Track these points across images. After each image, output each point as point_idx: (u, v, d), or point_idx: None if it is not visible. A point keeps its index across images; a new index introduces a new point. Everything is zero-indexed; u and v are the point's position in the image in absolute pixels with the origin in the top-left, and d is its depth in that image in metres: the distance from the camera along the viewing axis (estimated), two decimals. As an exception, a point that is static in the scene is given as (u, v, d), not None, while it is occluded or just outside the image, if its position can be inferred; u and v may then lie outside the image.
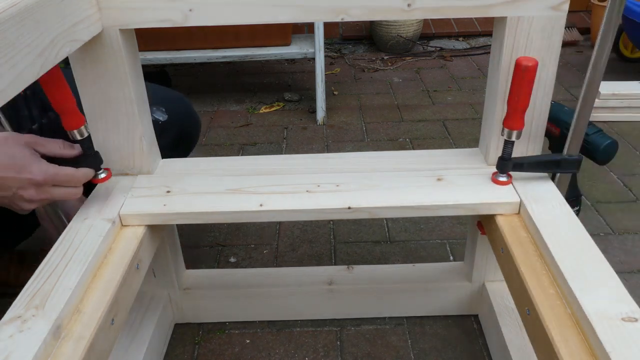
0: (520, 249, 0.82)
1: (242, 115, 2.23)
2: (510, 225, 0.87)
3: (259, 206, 0.89)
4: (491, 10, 0.83)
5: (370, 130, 2.07)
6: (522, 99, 0.83)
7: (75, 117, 0.85)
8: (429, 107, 2.24)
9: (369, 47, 2.98)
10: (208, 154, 1.93)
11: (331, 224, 1.52)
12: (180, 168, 1.02)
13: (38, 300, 0.70)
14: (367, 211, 0.90)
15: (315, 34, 2.00)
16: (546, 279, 0.76)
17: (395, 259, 1.37)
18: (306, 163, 1.02)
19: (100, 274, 0.79)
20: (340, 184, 0.94)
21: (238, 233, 1.49)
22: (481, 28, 3.04)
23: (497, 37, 0.89)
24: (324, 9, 0.83)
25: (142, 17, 0.83)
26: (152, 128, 1.00)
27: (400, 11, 0.83)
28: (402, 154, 1.04)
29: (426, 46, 2.90)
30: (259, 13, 0.84)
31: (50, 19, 0.68)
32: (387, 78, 2.55)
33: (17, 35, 0.61)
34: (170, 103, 1.19)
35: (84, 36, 0.78)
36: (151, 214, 0.89)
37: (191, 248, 1.43)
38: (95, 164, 0.90)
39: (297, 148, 1.96)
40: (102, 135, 0.93)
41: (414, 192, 0.92)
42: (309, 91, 2.42)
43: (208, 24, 0.84)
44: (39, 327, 0.66)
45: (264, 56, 2.16)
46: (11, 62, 0.60)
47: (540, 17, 0.83)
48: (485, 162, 0.99)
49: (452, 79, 2.51)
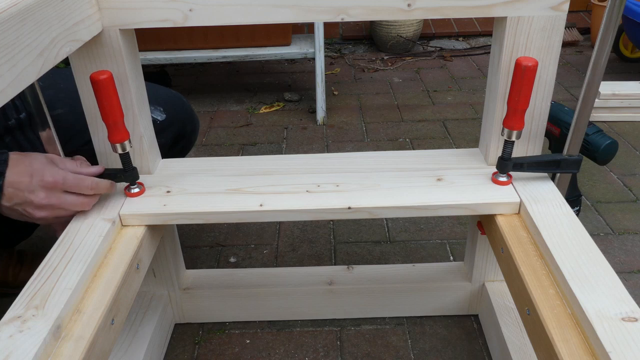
0: (520, 249, 0.82)
1: (242, 115, 2.23)
2: (510, 225, 0.87)
3: (259, 206, 0.89)
4: (491, 10, 0.83)
5: (370, 131, 2.07)
6: (522, 99, 0.83)
7: (120, 131, 0.85)
8: (429, 107, 2.24)
9: (369, 47, 2.98)
10: (208, 154, 1.93)
11: (331, 224, 1.52)
12: (180, 168, 1.01)
13: (38, 300, 0.70)
14: (367, 211, 0.90)
15: (315, 34, 2.00)
16: (546, 279, 0.76)
17: (396, 259, 1.37)
18: (306, 163, 1.02)
19: (100, 274, 0.79)
20: (340, 184, 0.94)
21: (238, 233, 1.49)
22: (481, 28, 3.04)
23: (497, 37, 0.89)
24: (323, 9, 0.83)
25: (142, 17, 0.83)
26: (152, 128, 1.00)
27: (400, 11, 0.83)
28: (402, 154, 1.04)
29: (426, 46, 2.90)
30: (259, 13, 0.84)
31: (50, 19, 0.68)
32: (387, 78, 2.56)
33: (17, 35, 0.61)
34: (169, 102, 1.19)
35: (84, 36, 0.78)
36: (151, 214, 0.89)
37: (191, 248, 1.43)
38: (131, 178, 0.91)
39: (297, 148, 1.96)
40: (102, 135, 0.93)
41: (414, 192, 0.92)
42: (309, 91, 2.42)
43: (208, 24, 0.84)
44: (39, 327, 0.66)
45: (264, 56, 2.16)
46: (12, 62, 0.60)
47: (540, 17, 0.83)
48: (485, 162, 0.99)
49: (452, 79, 2.51)
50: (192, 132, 1.29)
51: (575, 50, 2.81)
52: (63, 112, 1.05)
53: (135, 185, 0.93)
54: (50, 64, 0.68)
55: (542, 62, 0.86)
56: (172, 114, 1.18)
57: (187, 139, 1.27)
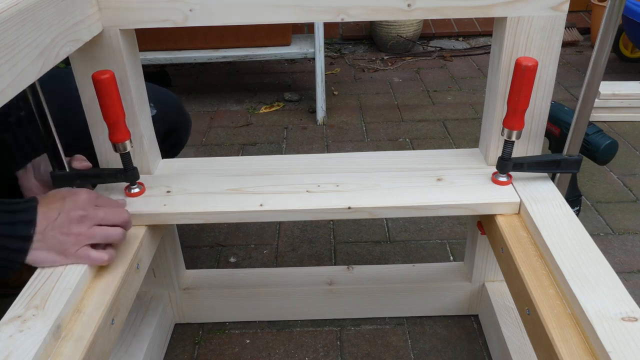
0: (520, 249, 0.82)
1: (242, 115, 2.23)
2: (510, 225, 0.88)
3: (259, 206, 0.89)
4: (491, 10, 0.83)
5: (370, 130, 2.07)
6: (522, 99, 0.83)
7: (121, 131, 0.86)
8: (429, 107, 2.24)
9: (369, 47, 2.98)
10: (208, 154, 1.93)
11: (331, 224, 1.52)
12: (181, 168, 1.02)
13: (38, 300, 0.70)
14: (367, 211, 0.90)
15: (315, 34, 2.00)
16: (546, 279, 0.76)
17: (396, 259, 1.37)
18: (306, 163, 1.02)
19: (100, 274, 0.79)
20: (340, 184, 0.94)
21: (238, 233, 1.49)
22: (481, 28, 3.04)
23: (497, 37, 0.89)
24: (324, 9, 0.83)
25: (143, 17, 0.83)
26: (152, 128, 1.00)
27: (400, 11, 0.83)
28: (402, 154, 1.04)
29: (426, 46, 2.90)
30: (259, 13, 0.84)
31: (50, 19, 0.68)
32: (387, 78, 2.55)
33: (17, 35, 0.61)
34: (159, 97, 1.19)
35: (85, 36, 0.78)
36: (151, 214, 0.89)
37: (191, 248, 1.43)
38: (132, 178, 0.91)
39: (297, 148, 1.96)
40: (102, 135, 0.93)
41: (414, 192, 0.92)
42: (309, 91, 2.42)
43: (208, 24, 0.84)
44: (39, 327, 0.66)
45: (264, 56, 2.16)
46: (12, 62, 0.60)
47: (540, 17, 0.83)
48: (485, 162, 1.00)
49: (452, 79, 2.51)
50: (183, 126, 1.28)
51: (575, 50, 2.81)
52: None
53: (136, 185, 0.93)
54: (50, 64, 0.68)
55: (542, 62, 0.86)
56: (162, 109, 1.18)
57: (178, 135, 1.26)
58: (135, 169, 0.91)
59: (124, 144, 0.86)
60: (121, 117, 0.84)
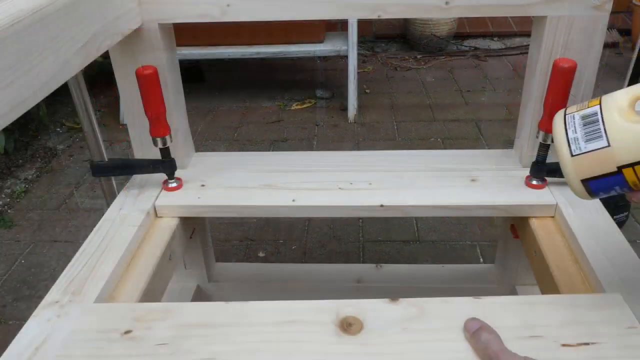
0: (554, 252, 0.80)
1: (274, 112, 2.24)
2: (544, 228, 0.86)
3: (291, 201, 0.90)
4: (531, 9, 0.82)
5: (401, 129, 2.06)
6: (559, 101, 0.82)
7: (162, 125, 0.87)
8: (462, 107, 2.22)
9: (402, 45, 2.96)
10: (239, 149, 1.94)
11: (360, 222, 1.52)
12: (214, 162, 1.03)
13: (74, 286, 0.72)
14: (400, 210, 0.89)
15: (349, 32, 2.00)
16: (581, 285, 0.74)
17: (424, 260, 1.37)
18: (338, 160, 1.02)
19: (134, 264, 0.80)
20: (373, 182, 0.94)
21: (267, 228, 1.50)
22: (517, 28, 2.99)
23: (535, 37, 0.88)
24: (360, 6, 0.83)
25: (181, 11, 0.84)
26: (187, 122, 1.01)
27: (438, 9, 0.82)
28: (435, 153, 1.03)
29: (460, 45, 2.87)
30: (295, 9, 0.84)
31: (93, 13, 0.70)
32: (420, 77, 2.54)
33: (62, 28, 0.63)
34: None
35: (124, 30, 0.80)
36: (185, 206, 0.90)
37: (221, 242, 1.45)
38: (169, 170, 0.92)
39: (327, 145, 1.96)
40: (138, 128, 0.95)
41: (448, 192, 0.91)
42: (341, 89, 2.42)
43: (245, 19, 0.85)
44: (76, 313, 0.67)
45: (296, 53, 2.16)
46: (56, 55, 0.62)
47: (581, 17, 0.81)
48: (520, 163, 0.98)
49: (486, 79, 2.48)
50: None
51: (615, 52, 2.74)
52: None
53: (174, 180, 0.94)
54: (91, 57, 0.70)
55: (582, 63, 0.84)
56: None
57: None
58: (173, 160, 0.92)
59: (164, 138, 0.88)
60: (162, 112, 0.86)
